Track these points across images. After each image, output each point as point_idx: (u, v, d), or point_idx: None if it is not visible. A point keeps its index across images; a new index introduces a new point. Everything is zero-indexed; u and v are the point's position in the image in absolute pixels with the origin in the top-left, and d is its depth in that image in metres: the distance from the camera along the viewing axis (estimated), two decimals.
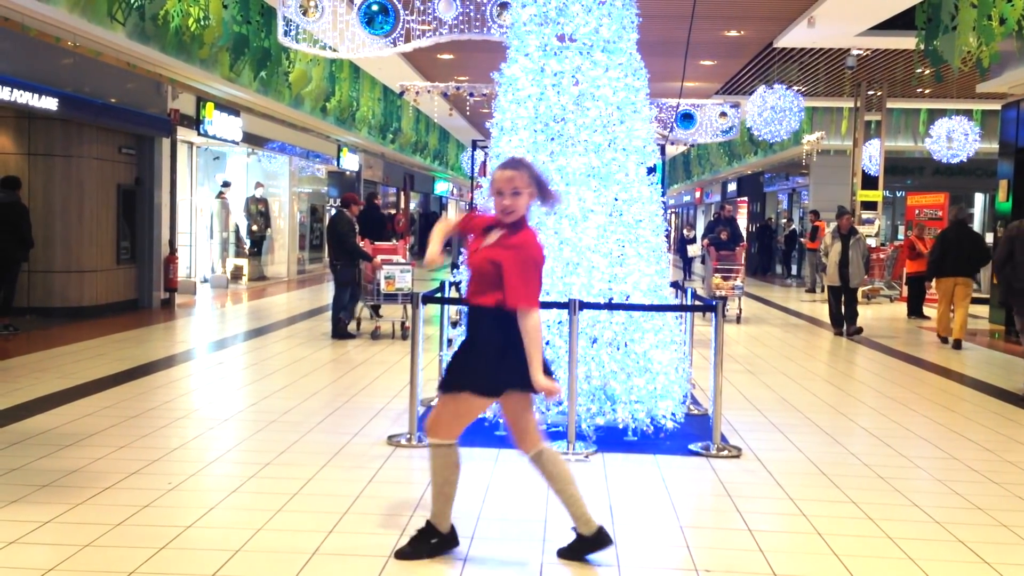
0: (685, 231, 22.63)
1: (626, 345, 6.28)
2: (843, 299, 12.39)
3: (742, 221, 29.08)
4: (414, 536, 4.00)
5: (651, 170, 6.67)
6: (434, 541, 3.97)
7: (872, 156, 20.24)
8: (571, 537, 3.99)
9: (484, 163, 13.66)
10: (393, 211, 27.67)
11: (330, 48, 11.63)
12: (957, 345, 11.43)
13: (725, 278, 13.80)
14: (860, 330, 12.39)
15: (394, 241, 13.05)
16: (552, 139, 6.36)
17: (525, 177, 3.82)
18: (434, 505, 3.97)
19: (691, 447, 5.96)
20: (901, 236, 24.85)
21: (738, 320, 13.79)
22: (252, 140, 17.95)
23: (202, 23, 12.80)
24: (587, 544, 3.95)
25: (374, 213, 15.01)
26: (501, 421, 6.17)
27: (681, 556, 4.11)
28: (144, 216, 13.81)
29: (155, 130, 13.68)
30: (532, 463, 3.95)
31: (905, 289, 16.54)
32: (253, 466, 5.35)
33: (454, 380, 3.91)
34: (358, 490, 4.89)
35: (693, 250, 23.20)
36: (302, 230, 22.34)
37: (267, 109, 17.60)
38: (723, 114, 19.82)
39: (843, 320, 12.39)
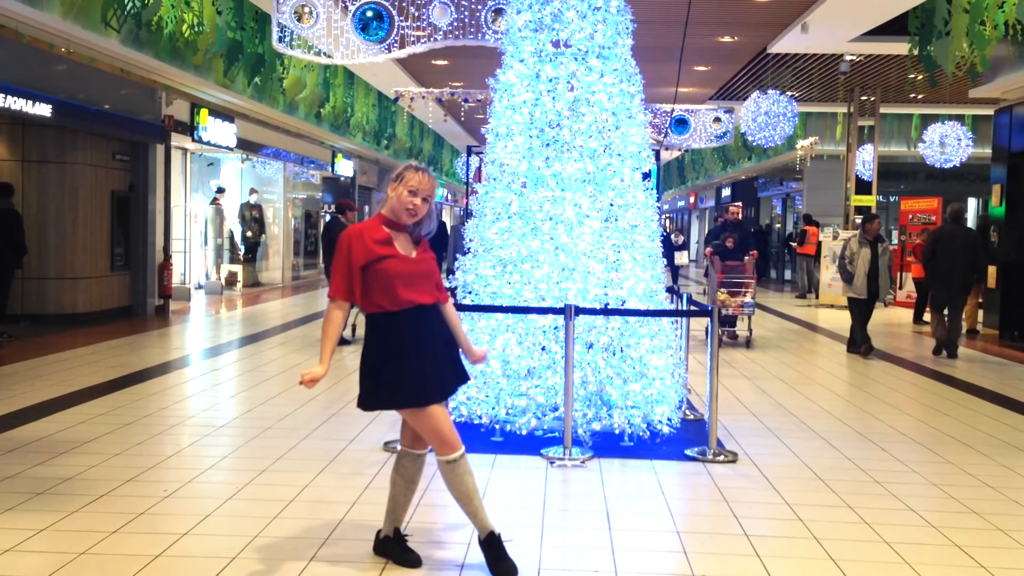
0: (673, 236, 20.92)
1: (622, 350, 6.28)
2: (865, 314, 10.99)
3: None
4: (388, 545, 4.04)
5: (646, 175, 6.68)
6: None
7: (866, 161, 20.31)
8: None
9: (479, 169, 13.65)
10: None
11: (324, 54, 11.64)
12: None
13: (732, 293, 11.67)
14: (870, 349, 11.01)
15: None
16: (547, 144, 6.37)
17: (436, 192, 3.90)
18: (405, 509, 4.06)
19: (687, 452, 5.96)
20: (895, 240, 24.91)
21: (748, 344, 11.63)
22: (246, 146, 17.93)
23: (196, 29, 12.80)
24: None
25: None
26: (497, 427, 6.19)
27: (678, 561, 4.11)
28: (138, 223, 13.78)
29: (149, 136, 13.66)
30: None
31: (907, 294, 16.51)
32: (249, 473, 5.34)
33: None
34: (354, 496, 4.88)
35: (681, 257, 22.09)
36: (297, 236, 22.31)
37: (261, 115, 17.60)
38: (717, 119, 19.88)
39: (866, 337, 10.99)
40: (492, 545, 3.84)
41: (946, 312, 11.18)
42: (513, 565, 3.84)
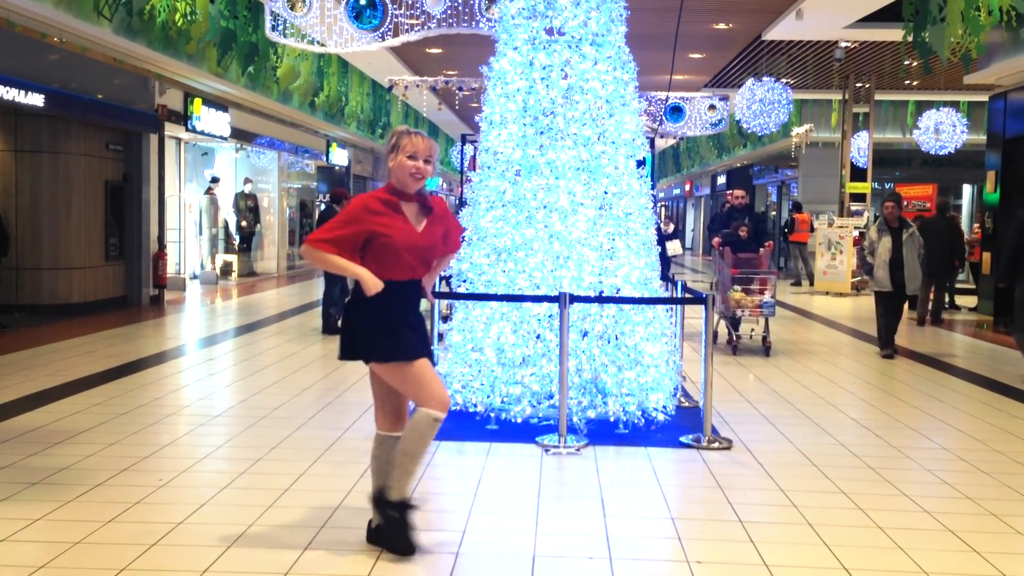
0: (663, 224, 20.04)
1: (617, 338, 6.29)
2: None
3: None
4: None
5: (640, 163, 6.68)
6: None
7: (861, 148, 20.31)
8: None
9: (474, 157, 13.62)
10: None
11: (318, 43, 11.60)
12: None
13: (748, 291, 9.99)
14: (894, 352, 9.95)
15: None
16: (541, 132, 6.36)
17: (437, 152, 3.91)
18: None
19: (682, 439, 5.97)
20: None
21: (766, 351, 9.90)
22: (240, 135, 17.89)
23: (189, 18, 12.75)
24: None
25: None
26: (492, 415, 6.19)
27: (672, 547, 4.12)
28: (132, 212, 13.75)
29: (143, 126, 13.62)
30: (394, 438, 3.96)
31: None
32: (244, 462, 5.34)
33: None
34: (349, 485, 4.89)
35: (673, 247, 21.36)
36: (292, 225, 22.27)
37: (255, 104, 17.54)
38: (712, 107, 19.85)
39: (891, 339, 9.95)
40: (402, 511, 3.88)
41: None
42: (414, 544, 3.88)
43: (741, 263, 10.22)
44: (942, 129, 18.08)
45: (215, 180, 18.37)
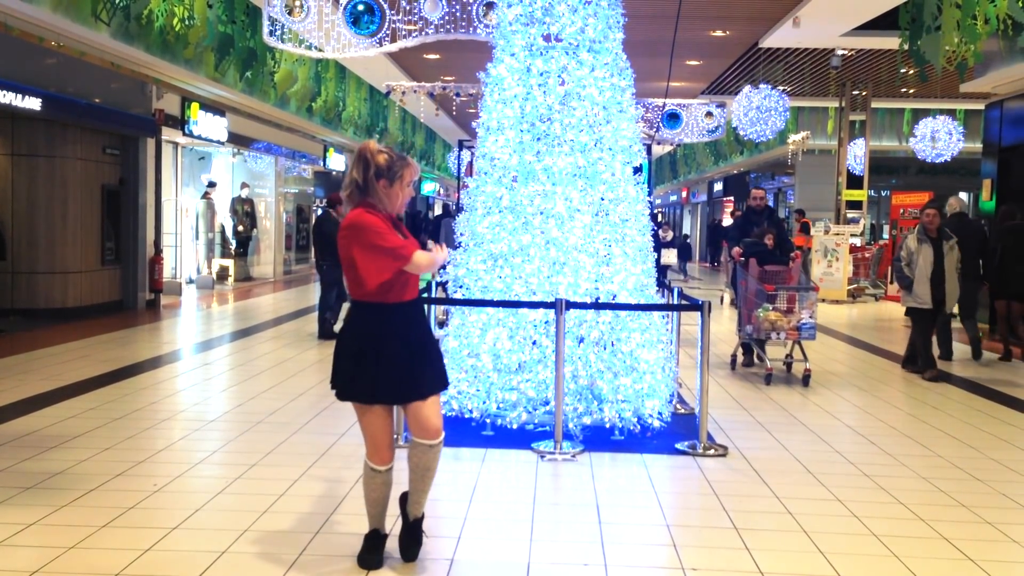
0: (660, 231, 18.55)
1: (613, 344, 6.29)
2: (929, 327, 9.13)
3: (727, 221, 28.59)
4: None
5: (637, 170, 6.69)
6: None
7: (857, 155, 20.36)
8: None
9: (471, 163, 13.63)
10: None
11: (316, 48, 11.61)
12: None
13: (780, 309, 8.61)
14: (937, 376, 8.97)
15: None
16: (538, 139, 6.36)
17: None
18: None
19: (678, 446, 5.97)
20: (885, 235, 24.98)
21: (805, 381, 8.53)
22: (237, 140, 17.88)
23: (187, 23, 12.75)
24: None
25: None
26: (488, 421, 6.19)
27: (668, 555, 4.12)
28: (129, 217, 13.73)
29: (140, 130, 13.61)
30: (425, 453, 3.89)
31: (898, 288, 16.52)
32: (239, 467, 5.33)
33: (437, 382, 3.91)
34: (345, 491, 4.88)
35: (669, 256, 20.99)
36: (288, 230, 22.27)
37: (252, 109, 17.54)
38: (709, 114, 19.87)
39: (932, 359, 9.11)
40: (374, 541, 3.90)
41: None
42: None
43: (768, 277, 8.85)
44: (938, 137, 18.11)
45: (212, 185, 18.36)
